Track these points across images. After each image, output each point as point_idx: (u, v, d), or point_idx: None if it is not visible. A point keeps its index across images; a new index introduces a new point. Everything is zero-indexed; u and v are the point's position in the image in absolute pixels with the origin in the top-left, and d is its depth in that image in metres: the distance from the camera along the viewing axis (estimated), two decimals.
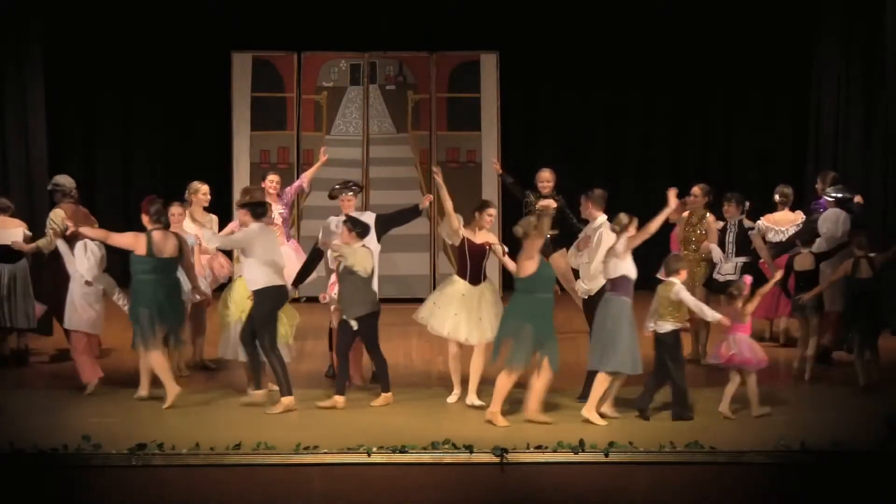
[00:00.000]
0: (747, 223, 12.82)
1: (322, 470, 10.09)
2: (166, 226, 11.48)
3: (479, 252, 11.40)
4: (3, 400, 11.36)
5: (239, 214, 11.49)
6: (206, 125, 16.41)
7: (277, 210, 12.95)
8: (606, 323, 10.91)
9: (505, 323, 11.02)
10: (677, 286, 10.99)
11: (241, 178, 16.02)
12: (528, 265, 10.78)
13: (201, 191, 12.86)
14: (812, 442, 10.26)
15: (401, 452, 10.15)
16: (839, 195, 12.79)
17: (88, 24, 16.05)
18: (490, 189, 16.06)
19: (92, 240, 11.69)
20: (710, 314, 11.05)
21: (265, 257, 11.22)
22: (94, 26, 16.07)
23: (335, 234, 11.75)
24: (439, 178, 11.51)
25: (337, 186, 12.09)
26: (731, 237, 12.79)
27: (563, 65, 16.43)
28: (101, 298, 11.91)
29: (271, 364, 11.24)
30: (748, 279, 11.21)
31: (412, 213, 12.11)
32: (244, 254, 11.28)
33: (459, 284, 11.48)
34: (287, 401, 11.22)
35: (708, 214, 12.73)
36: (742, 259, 12.70)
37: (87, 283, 11.77)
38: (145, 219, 11.46)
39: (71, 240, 11.95)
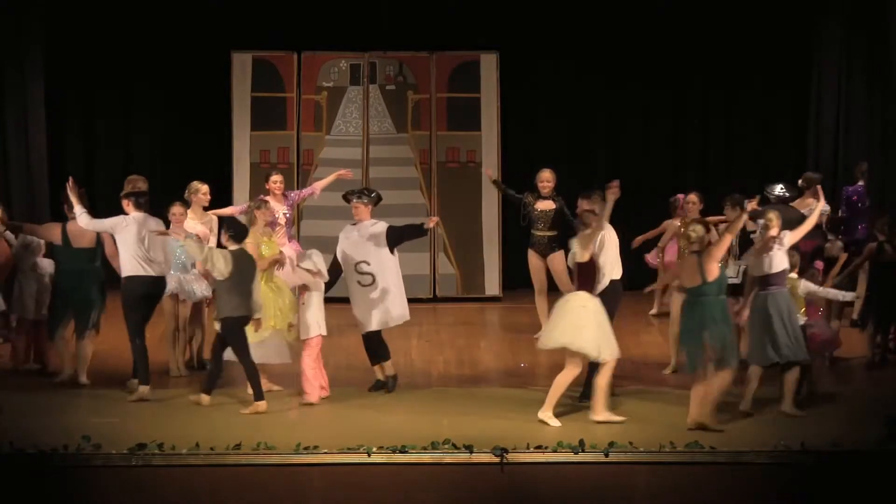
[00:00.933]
0: (749, 226, 12.82)
1: (322, 470, 10.09)
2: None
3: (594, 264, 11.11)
4: (3, 400, 11.36)
5: (122, 203, 11.79)
6: (206, 125, 16.41)
7: (282, 210, 12.96)
8: (775, 317, 11.01)
9: (705, 329, 10.62)
10: (802, 281, 11.41)
11: (241, 178, 16.02)
12: (715, 269, 10.69)
13: (201, 191, 12.86)
14: (812, 442, 10.26)
15: (401, 452, 10.15)
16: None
17: (88, 24, 16.05)
18: (490, 189, 16.07)
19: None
20: (844, 295, 11.81)
21: (134, 247, 11.51)
22: (93, 26, 16.07)
23: (347, 240, 11.77)
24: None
25: (352, 191, 12.03)
26: (733, 240, 12.77)
27: (563, 65, 16.43)
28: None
29: (133, 349, 11.53)
30: (819, 265, 11.44)
31: (419, 231, 12.09)
32: (115, 239, 11.66)
33: (583, 298, 10.99)
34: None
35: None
36: (743, 263, 12.70)
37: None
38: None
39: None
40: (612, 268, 11.25)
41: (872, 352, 12.69)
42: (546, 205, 13.46)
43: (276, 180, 13.12)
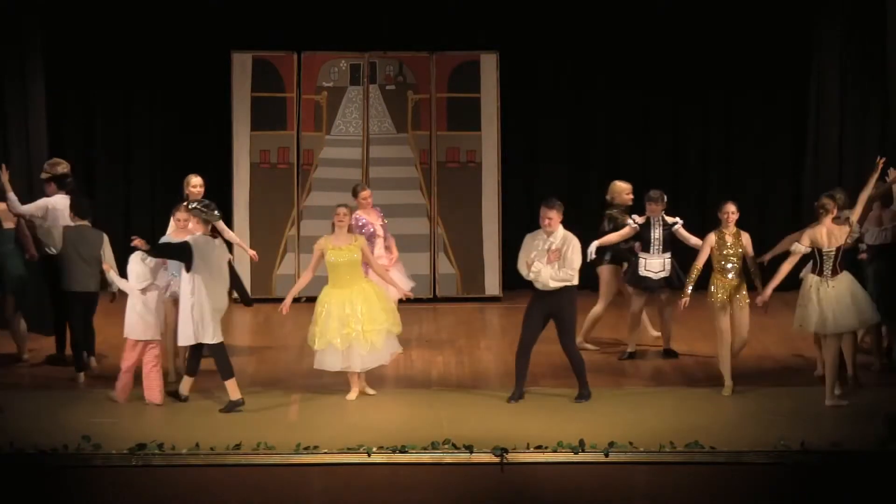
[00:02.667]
0: (669, 219, 12.92)
1: (322, 470, 10.09)
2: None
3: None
4: (3, 400, 11.36)
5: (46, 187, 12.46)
6: (206, 125, 16.40)
7: (378, 223, 13.12)
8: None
9: None
10: None
11: (241, 178, 16.02)
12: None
13: (191, 182, 12.85)
14: (812, 442, 10.26)
15: (401, 452, 10.16)
16: None
17: (88, 24, 16.04)
18: (490, 189, 16.07)
19: None
20: None
21: (62, 223, 12.21)
22: (93, 26, 16.06)
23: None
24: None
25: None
26: (657, 234, 12.91)
27: (563, 65, 16.43)
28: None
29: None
30: None
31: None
32: (43, 221, 12.47)
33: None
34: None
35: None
36: (668, 255, 12.94)
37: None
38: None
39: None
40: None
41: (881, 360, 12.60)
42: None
43: (365, 196, 13.15)
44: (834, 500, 9.97)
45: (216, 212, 11.44)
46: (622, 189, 13.51)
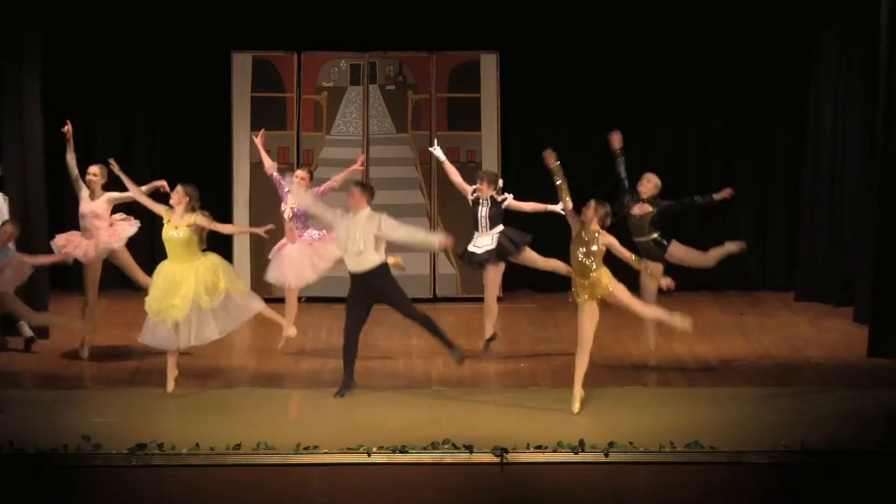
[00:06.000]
0: (499, 197, 13.16)
1: (322, 470, 10.09)
2: None
3: None
4: (3, 400, 11.36)
5: None
6: (206, 125, 16.39)
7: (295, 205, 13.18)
8: None
9: None
10: None
11: (241, 178, 16.01)
12: None
13: (90, 171, 13.41)
14: (812, 442, 10.26)
15: (401, 452, 10.16)
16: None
17: (87, 24, 16.02)
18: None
19: None
20: None
21: None
22: (92, 26, 16.04)
23: None
24: None
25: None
26: (483, 212, 13.11)
27: (563, 65, 16.42)
28: None
29: None
30: None
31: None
32: None
33: None
34: None
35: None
36: (497, 230, 13.09)
37: None
38: None
39: None
40: None
41: None
42: (642, 208, 13.14)
43: (299, 175, 13.20)
44: (834, 500, 9.98)
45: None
46: (644, 178, 13.38)
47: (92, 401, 11.61)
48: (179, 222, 11.89)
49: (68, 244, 13.12)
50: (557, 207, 12.45)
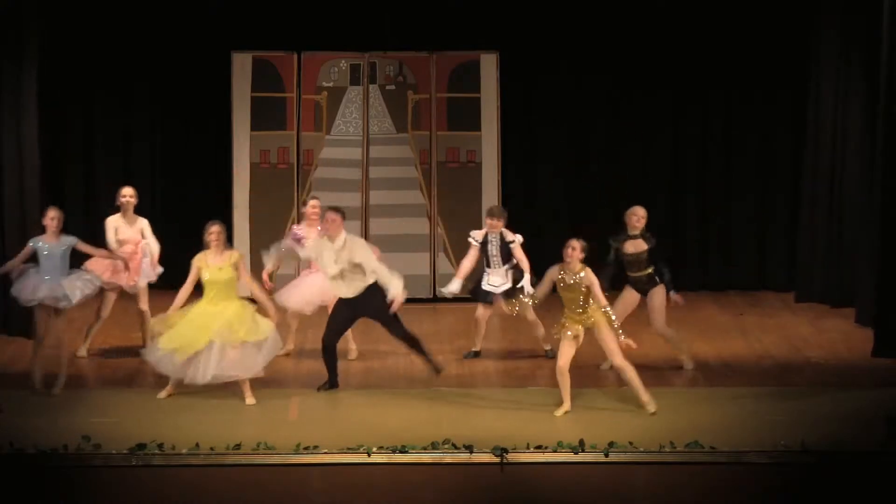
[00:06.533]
0: (509, 236, 13.01)
1: (322, 470, 10.10)
2: None
3: None
4: (3, 400, 11.36)
5: None
6: (205, 125, 16.39)
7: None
8: None
9: None
10: None
11: (241, 178, 16.01)
12: None
13: (121, 193, 13.37)
14: (812, 442, 10.26)
15: (401, 452, 10.16)
16: None
17: (86, 24, 16.02)
18: (490, 189, 16.06)
19: None
20: None
21: None
22: (92, 26, 16.04)
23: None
24: None
25: None
26: (493, 249, 13.02)
27: (563, 65, 16.41)
28: None
29: None
30: None
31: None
32: None
33: None
34: None
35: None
36: (507, 266, 13.01)
37: None
38: None
39: None
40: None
41: None
42: (637, 245, 12.73)
43: (313, 206, 13.14)
44: (834, 500, 9.98)
45: None
46: (628, 214, 12.83)
47: (92, 401, 11.60)
48: (221, 262, 11.72)
49: (106, 273, 12.91)
50: (526, 282, 12.62)
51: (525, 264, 12.93)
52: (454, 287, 13.18)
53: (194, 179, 16.32)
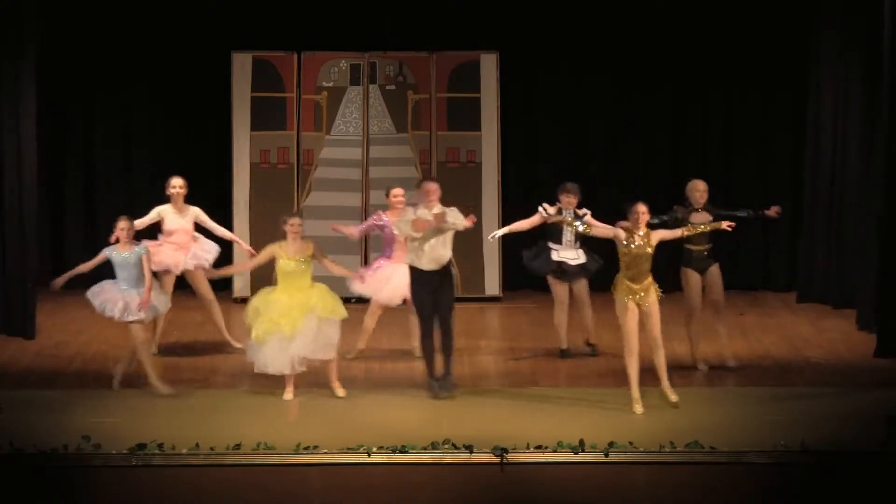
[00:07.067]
0: (580, 211, 12.99)
1: (322, 470, 10.10)
2: None
3: None
4: (3, 400, 11.36)
5: None
6: (206, 125, 16.39)
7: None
8: None
9: None
10: None
11: (241, 178, 16.01)
12: None
13: (170, 183, 13.37)
14: (812, 442, 10.26)
15: (401, 452, 10.16)
16: None
17: (86, 24, 16.02)
18: (490, 189, 16.06)
19: None
20: None
21: None
22: (92, 26, 16.04)
23: None
24: None
25: None
26: (566, 226, 12.92)
27: (563, 64, 16.42)
28: None
29: None
30: None
31: None
32: None
33: None
34: None
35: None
36: (578, 244, 13.00)
37: None
38: None
39: None
40: None
41: None
42: (703, 218, 12.73)
43: (396, 194, 13.19)
44: (834, 500, 9.98)
45: None
46: (689, 188, 12.98)
47: (92, 401, 11.60)
48: (299, 253, 11.77)
49: (157, 254, 12.97)
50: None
51: (602, 227, 12.42)
52: (500, 232, 12.90)
53: (194, 179, 16.26)
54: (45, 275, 13.66)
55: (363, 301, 13.01)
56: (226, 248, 13.91)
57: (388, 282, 12.78)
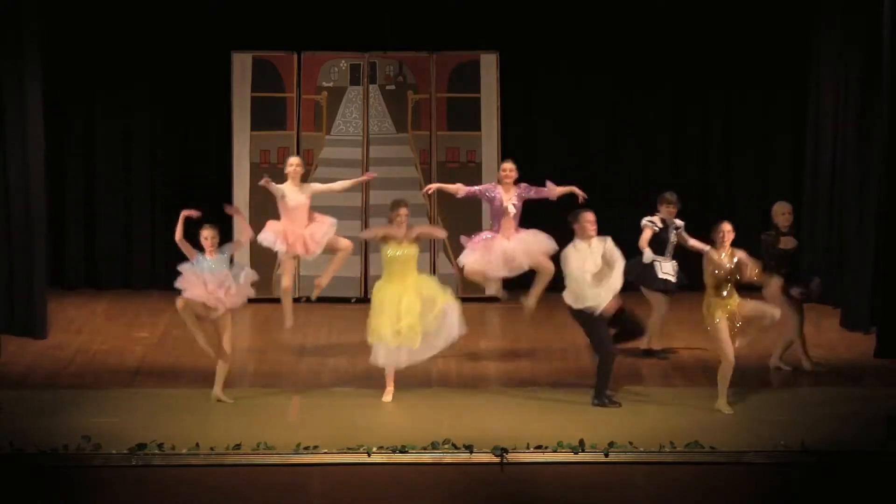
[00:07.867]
0: (678, 221, 12.92)
1: (322, 470, 10.10)
2: None
3: None
4: (3, 400, 11.36)
5: None
6: (206, 125, 16.39)
7: (510, 202, 12.95)
8: None
9: None
10: None
11: (241, 178, 16.00)
12: None
13: (288, 163, 13.50)
14: (812, 442, 10.26)
15: (401, 452, 10.16)
16: None
17: (87, 24, 16.02)
18: None
19: None
20: None
21: None
22: (92, 26, 16.04)
23: None
24: None
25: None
26: (671, 236, 12.87)
27: (563, 64, 16.42)
28: None
29: None
30: None
31: None
32: None
33: None
34: None
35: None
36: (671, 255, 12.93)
37: None
38: None
39: None
40: None
41: None
42: (788, 242, 12.60)
43: (505, 169, 13.11)
44: (834, 500, 9.98)
45: None
46: (775, 211, 12.66)
47: (92, 401, 11.60)
48: (408, 240, 11.82)
49: (278, 238, 13.14)
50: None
51: (694, 242, 12.29)
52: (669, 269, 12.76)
53: (194, 179, 16.32)
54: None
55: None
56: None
57: (496, 253, 12.83)
